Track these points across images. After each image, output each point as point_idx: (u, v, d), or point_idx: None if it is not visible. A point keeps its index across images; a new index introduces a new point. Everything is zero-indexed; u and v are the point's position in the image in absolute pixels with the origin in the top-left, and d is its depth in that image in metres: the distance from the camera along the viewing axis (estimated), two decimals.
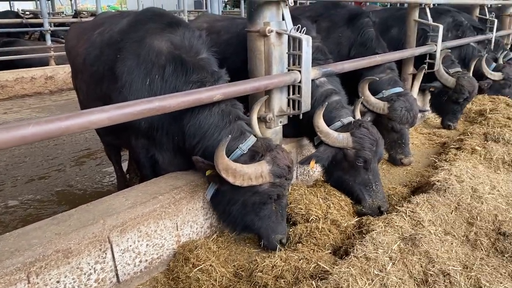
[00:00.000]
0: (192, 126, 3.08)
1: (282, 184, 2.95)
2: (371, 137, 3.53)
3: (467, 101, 6.16)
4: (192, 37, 3.36)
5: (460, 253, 3.03)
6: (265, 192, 2.93)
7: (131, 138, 3.48)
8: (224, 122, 3.05)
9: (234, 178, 2.76)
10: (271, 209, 3.04)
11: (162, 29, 3.35)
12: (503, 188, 4.04)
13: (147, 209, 2.82)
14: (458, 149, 5.01)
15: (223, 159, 2.72)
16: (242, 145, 2.98)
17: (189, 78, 3.15)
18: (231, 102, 3.16)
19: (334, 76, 4.11)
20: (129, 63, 3.23)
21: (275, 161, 2.88)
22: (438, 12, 7.42)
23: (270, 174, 2.85)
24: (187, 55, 3.24)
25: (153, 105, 2.42)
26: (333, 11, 5.53)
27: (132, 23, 3.51)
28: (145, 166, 3.61)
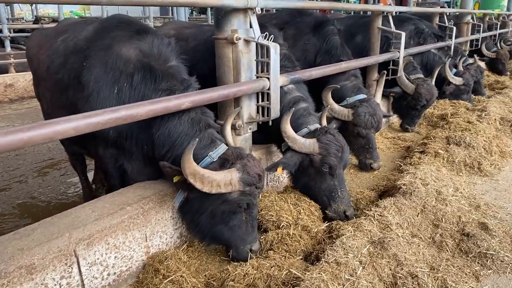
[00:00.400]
0: (161, 134, 3.03)
1: (252, 192, 2.91)
2: (336, 143, 3.58)
3: (425, 107, 6.38)
4: (161, 45, 3.33)
5: (427, 254, 3.12)
6: (234, 201, 2.89)
7: (98, 147, 3.40)
8: (194, 130, 3.01)
9: (202, 184, 2.71)
10: (241, 219, 2.99)
11: (130, 37, 3.29)
12: (466, 190, 4.18)
13: (115, 221, 2.75)
14: (422, 152, 5.16)
15: (190, 163, 2.67)
16: (212, 153, 2.94)
17: (158, 86, 3.10)
18: (201, 110, 3.13)
19: (302, 84, 4.15)
20: (96, 71, 3.16)
21: (245, 169, 2.84)
22: (400, 20, 7.65)
23: (240, 182, 2.81)
24: (156, 62, 3.21)
25: (119, 114, 2.37)
26: (299, 19, 5.60)
27: (98, 31, 3.44)
28: (113, 176, 3.52)
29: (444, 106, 7.46)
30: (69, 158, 4.63)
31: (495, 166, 4.98)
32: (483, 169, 4.85)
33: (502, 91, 8.97)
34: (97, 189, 4.91)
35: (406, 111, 6.52)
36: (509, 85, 9.68)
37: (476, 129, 5.61)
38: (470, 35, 10.84)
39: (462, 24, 10.71)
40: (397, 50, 6.13)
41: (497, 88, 9.70)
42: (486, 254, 3.13)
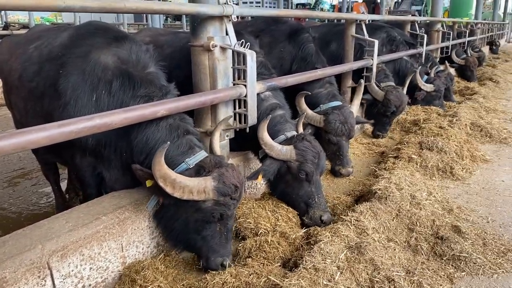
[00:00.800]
0: (139, 141, 2.99)
1: (227, 203, 2.83)
2: (313, 150, 3.61)
3: (394, 114, 6.43)
4: (139, 51, 3.30)
5: (403, 258, 3.16)
6: (207, 210, 2.83)
7: (75, 156, 3.33)
8: (171, 137, 2.97)
9: (173, 188, 2.66)
10: (215, 230, 2.93)
11: (108, 44, 3.26)
12: (439, 194, 4.28)
13: (89, 231, 2.69)
14: (396, 157, 5.26)
15: (160, 165, 2.62)
16: (189, 159, 2.91)
17: (136, 92, 3.08)
18: (179, 116, 3.10)
19: (278, 91, 4.18)
20: (73, 78, 3.11)
21: (222, 178, 2.78)
22: (373, 28, 7.81)
23: (214, 190, 2.75)
24: (134, 69, 3.18)
25: (94, 122, 2.33)
26: (274, 27, 5.64)
27: (74, 38, 3.38)
28: (90, 185, 3.46)
29: (416, 111, 7.64)
30: (42, 168, 4.51)
31: (467, 170, 5.11)
32: (455, 173, 4.97)
33: (471, 97, 9.26)
34: (70, 198, 4.80)
35: (377, 118, 6.60)
36: (478, 91, 9.98)
37: (448, 134, 5.76)
38: (441, 42, 11.16)
39: (432, 32, 11.02)
40: (370, 57, 6.26)
41: (467, 94, 10.00)
42: (460, 257, 3.20)
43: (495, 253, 3.32)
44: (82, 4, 2.30)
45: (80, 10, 2.30)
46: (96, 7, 2.38)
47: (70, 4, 2.26)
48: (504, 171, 5.23)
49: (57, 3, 2.24)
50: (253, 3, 39.49)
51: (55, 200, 4.58)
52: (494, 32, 23.58)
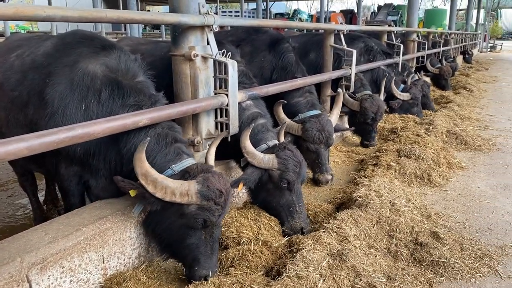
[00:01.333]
0: (128, 150, 2.99)
1: (210, 208, 2.80)
2: (294, 158, 3.65)
3: (375, 120, 6.46)
4: (128, 60, 3.30)
5: (384, 265, 3.21)
6: (191, 215, 2.81)
7: (60, 165, 3.27)
8: (160, 146, 2.98)
9: (155, 188, 2.66)
10: (200, 238, 2.90)
11: (96, 53, 3.25)
12: (417, 201, 4.36)
13: (70, 243, 2.64)
14: (375, 165, 5.34)
15: (141, 162, 2.62)
16: (175, 166, 2.92)
17: (125, 101, 3.08)
18: (168, 125, 3.11)
19: (260, 100, 4.21)
20: (60, 88, 3.08)
21: (206, 183, 2.77)
22: (351, 38, 7.96)
23: (197, 194, 2.73)
24: (124, 78, 3.18)
25: (75, 132, 2.30)
26: (254, 36, 5.69)
27: (59, 47, 3.35)
28: (74, 195, 3.40)
29: (394, 120, 7.79)
30: (18, 178, 4.41)
31: (443, 177, 5.23)
32: (433, 180, 5.08)
33: (447, 105, 9.50)
34: (48, 210, 4.70)
35: (361, 128, 6.62)
36: (453, 99, 10.25)
37: (425, 141, 5.89)
38: (416, 52, 11.43)
39: (408, 42, 11.30)
40: (349, 66, 6.37)
41: (442, 102, 10.25)
42: (439, 262, 3.26)
43: (473, 258, 3.40)
44: (62, 14, 2.28)
45: (61, 20, 2.28)
46: (77, 17, 2.37)
47: (50, 14, 2.25)
48: (480, 177, 5.37)
49: (37, 13, 2.22)
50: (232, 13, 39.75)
51: (32, 212, 4.47)
52: (467, 42, 24.27)
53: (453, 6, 24.46)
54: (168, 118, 3.01)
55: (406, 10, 12.81)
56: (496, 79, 16.08)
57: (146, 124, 2.83)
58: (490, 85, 14.22)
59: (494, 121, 8.69)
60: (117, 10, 2.71)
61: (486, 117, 9.04)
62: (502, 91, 12.98)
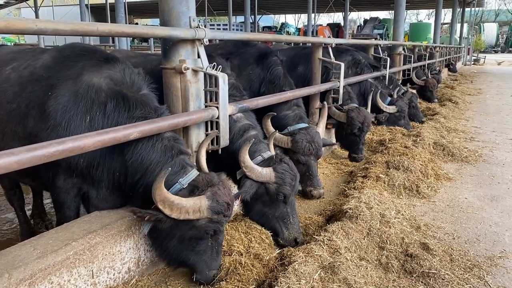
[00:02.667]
0: (134, 162, 3.04)
1: (220, 220, 2.97)
2: (291, 172, 3.69)
3: (362, 131, 6.43)
4: (133, 74, 3.35)
5: (375, 276, 3.22)
6: (202, 228, 2.94)
7: (57, 177, 3.24)
8: (166, 158, 3.07)
9: (171, 210, 2.76)
10: (207, 245, 3.05)
11: (99, 66, 3.27)
12: (407, 212, 4.40)
13: (59, 258, 2.60)
14: (364, 177, 5.38)
15: (161, 190, 2.73)
16: (182, 179, 2.99)
17: (132, 113, 3.12)
18: (173, 137, 3.20)
19: (250, 112, 4.23)
20: (64, 100, 3.08)
21: (215, 197, 2.90)
22: (338, 51, 8.06)
23: (208, 209, 2.87)
24: (129, 91, 3.22)
25: (66, 146, 2.29)
26: (243, 50, 5.74)
27: (59, 60, 3.35)
28: (70, 208, 3.36)
29: (381, 132, 7.87)
30: (5, 192, 4.33)
31: (432, 188, 5.29)
32: (421, 191, 5.13)
33: (433, 117, 9.63)
34: (36, 224, 4.63)
35: (348, 140, 6.60)
36: (439, 111, 10.39)
37: (413, 153, 5.96)
38: (402, 65, 11.62)
39: (394, 55, 11.49)
40: (337, 79, 6.44)
41: (429, 114, 10.39)
42: (429, 273, 3.28)
43: (462, 269, 3.43)
44: (54, 27, 2.28)
45: (52, 33, 2.28)
46: (69, 30, 2.36)
47: (42, 27, 2.24)
48: (467, 188, 5.44)
49: (28, 26, 2.21)
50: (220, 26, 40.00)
51: (19, 226, 4.38)
52: (452, 55, 24.74)
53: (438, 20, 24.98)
54: (159, 131, 3.01)
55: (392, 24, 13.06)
56: (480, 91, 16.38)
57: (137, 137, 2.82)
58: (475, 97, 14.47)
59: (479, 132, 8.83)
60: (109, 24, 2.71)
61: (472, 128, 9.19)
62: (487, 103, 13.22)
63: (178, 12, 3.46)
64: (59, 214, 3.37)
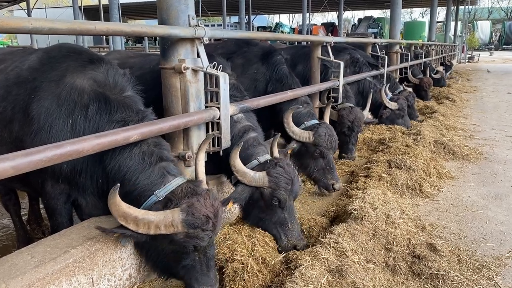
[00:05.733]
0: (113, 169, 2.87)
1: (198, 235, 2.65)
2: (286, 176, 3.55)
3: (353, 130, 6.29)
4: (117, 74, 3.21)
5: (383, 279, 3.14)
6: (180, 242, 2.67)
7: (46, 183, 3.15)
8: (143, 165, 2.84)
9: (137, 226, 2.54)
10: (194, 259, 2.78)
11: (83, 67, 3.14)
12: (411, 212, 4.33)
13: (58, 266, 2.50)
14: (366, 177, 5.30)
15: (116, 206, 2.52)
16: (159, 190, 2.76)
17: (112, 117, 2.97)
18: (154, 142, 2.97)
19: (251, 113, 4.14)
20: (47, 103, 2.97)
21: (191, 210, 2.61)
22: (337, 50, 7.98)
23: (182, 223, 2.58)
24: (111, 92, 3.08)
25: (64, 150, 2.19)
26: (246, 49, 5.65)
27: (45, 61, 3.24)
28: (61, 214, 3.26)
29: (381, 131, 7.79)
30: (1, 198, 4.21)
31: (435, 187, 5.22)
32: (424, 190, 5.06)
33: (432, 115, 9.58)
34: (32, 230, 4.52)
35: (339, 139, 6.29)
36: (437, 109, 10.35)
37: (414, 152, 5.89)
38: (399, 63, 11.57)
39: (391, 53, 11.44)
40: (336, 78, 6.36)
41: (427, 112, 10.34)
42: (437, 275, 3.21)
43: (471, 270, 3.36)
44: (50, 26, 2.18)
45: (48, 32, 2.18)
46: (65, 29, 2.26)
47: (37, 26, 2.14)
48: (470, 187, 5.37)
49: (23, 25, 2.11)
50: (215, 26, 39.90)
51: (16, 232, 4.27)
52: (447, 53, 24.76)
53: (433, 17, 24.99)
54: (159, 132, 2.91)
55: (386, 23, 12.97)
56: (476, 89, 16.38)
57: (138, 140, 2.72)
58: (472, 95, 14.46)
59: (478, 130, 8.79)
60: (107, 22, 2.62)
61: (471, 126, 9.15)
62: (484, 101, 13.20)
63: (176, 10, 3.36)
64: (51, 221, 3.27)
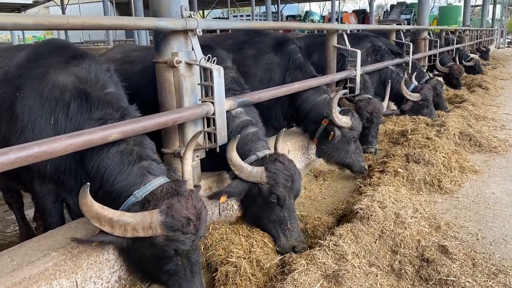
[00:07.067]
0: (92, 169, 2.76)
1: (178, 238, 2.52)
2: (286, 172, 3.36)
3: (372, 122, 6.04)
4: (99, 70, 3.10)
5: (385, 285, 2.93)
6: (160, 246, 2.54)
7: (34, 183, 3.10)
8: (122, 165, 2.72)
9: (112, 228, 2.42)
10: (177, 264, 2.64)
11: (66, 63, 3.05)
12: (426, 210, 4.05)
13: (36, 270, 2.43)
14: (382, 172, 5.04)
15: (87, 206, 2.40)
16: (138, 191, 2.63)
17: (92, 115, 2.86)
18: (134, 141, 2.84)
19: (252, 107, 3.95)
20: (30, 102, 2.91)
21: (171, 211, 2.48)
22: (357, 38, 7.66)
23: (161, 226, 2.46)
24: (93, 89, 2.98)
25: (30, 151, 2.09)
26: (257, 38, 5.47)
27: (31, 58, 3.18)
28: (51, 214, 3.23)
29: (404, 122, 7.45)
30: (3, 195, 4.25)
31: (455, 183, 4.90)
32: (443, 186, 4.75)
33: (460, 105, 9.10)
34: (38, 226, 4.53)
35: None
36: (467, 98, 9.83)
37: (435, 145, 5.55)
38: (428, 50, 11.04)
39: (419, 40, 10.92)
40: (353, 68, 6.07)
41: (456, 102, 9.85)
42: (447, 281, 2.96)
43: (486, 275, 3.08)
44: (14, 21, 2.07)
45: (13, 28, 2.08)
46: (31, 24, 2.15)
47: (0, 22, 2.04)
48: (495, 182, 5.02)
49: None
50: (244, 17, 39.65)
51: (19, 229, 4.30)
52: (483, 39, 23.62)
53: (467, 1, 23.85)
54: (143, 131, 2.78)
55: None
56: None
57: (118, 139, 2.60)
58: (508, 82, 13.68)
59: (511, 120, 8.26)
60: (81, 16, 2.50)
61: (503, 116, 8.61)
62: None
63: (168, 1, 3.21)
64: (42, 220, 3.23)
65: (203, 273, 3.26)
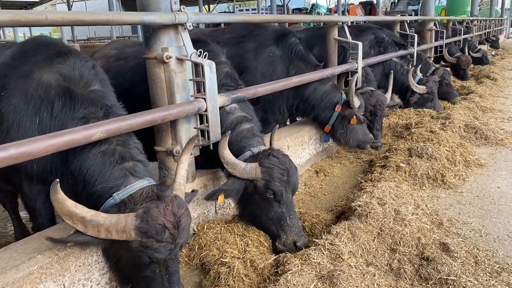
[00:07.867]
0: (75, 169, 2.69)
1: (152, 246, 2.38)
2: (281, 166, 3.27)
3: (376, 115, 5.93)
4: (83, 67, 3.01)
5: (383, 285, 2.84)
6: (135, 251, 2.43)
7: (22, 184, 3.05)
8: (102, 166, 2.63)
9: (85, 227, 2.35)
10: (154, 271, 2.51)
11: (50, 60, 2.97)
12: (428, 206, 3.94)
13: (20, 273, 2.36)
14: (383, 167, 4.93)
15: (59, 203, 2.33)
16: (118, 192, 2.55)
17: (75, 113, 2.78)
18: (118, 140, 2.75)
19: (247, 102, 3.85)
20: (15, 101, 2.84)
21: (146, 217, 2.37)
22: (360, 30, 7.52)
23: (136, 230, 2.35)
24: (77, 87, 2.89)
25: (7, 153, 2.02)
26: (257, 32, 5.37)
27: (16, 56, 3.11)
28: (41, 214, 3.17)
29: (408, 115, 7.31)
30: None
31: (459, 177, 4.77)
32: (447, 181, 4.63)
33: (467, 97, 8.93)
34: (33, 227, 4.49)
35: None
36: (474, 90, 9.63)
37: (439, 138, 5.41)
38: (434, 41, 10.83)
39: (425, 31, 10.70)
40: (355, 60, 5.94)
41: (463, 93, 9.65)
42: (447, 280, 2.86)
43: (488, 274, 2.97)
44: None
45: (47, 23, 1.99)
46: (8, 21, 2.08)
47: None
48: (500, 176, 4.88)
49: None
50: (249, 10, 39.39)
51: (14, 229, 4.26)
52: (492, 29, 23.18)
53: None
54: (130, 129, 2.69)
55: None
56: None
57: (102, 138, 2.52)
58: None
59: None
60: (61, 12, 2.41)
61: (511, 107, 8.41)
62: None
63: None
64: (33, 221, 3.17)
65: (197, 273, 3.20)
